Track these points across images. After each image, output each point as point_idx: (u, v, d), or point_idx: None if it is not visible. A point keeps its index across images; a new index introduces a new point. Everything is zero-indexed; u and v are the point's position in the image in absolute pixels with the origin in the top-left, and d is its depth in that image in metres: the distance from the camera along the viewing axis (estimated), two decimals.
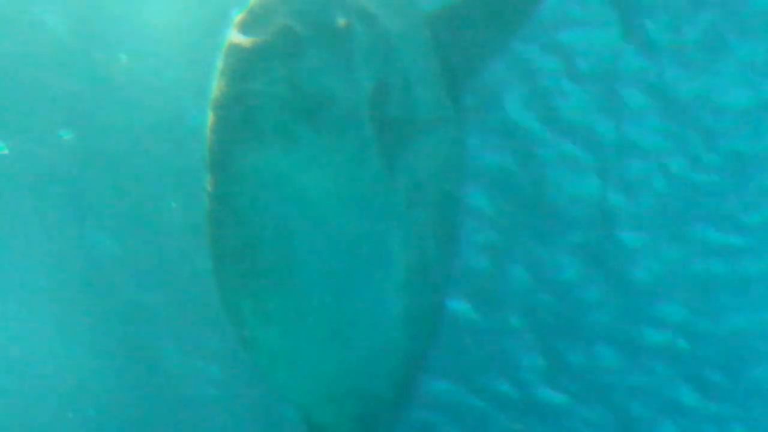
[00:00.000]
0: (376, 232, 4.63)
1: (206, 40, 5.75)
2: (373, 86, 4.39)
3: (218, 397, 13.16)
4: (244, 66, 4.15)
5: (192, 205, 7.36)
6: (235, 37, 4.20)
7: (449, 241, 5.46)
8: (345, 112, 4.29)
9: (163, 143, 8.90)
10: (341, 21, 4.19)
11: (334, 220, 4.47)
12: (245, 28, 4.21)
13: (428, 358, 6.36)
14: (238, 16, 4.37)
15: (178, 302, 11.51)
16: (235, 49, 4.16)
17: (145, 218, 10.20)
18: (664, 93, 8.24)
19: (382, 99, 4.43)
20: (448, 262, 5.57)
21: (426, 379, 11.24)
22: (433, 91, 5.00)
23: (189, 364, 12.52)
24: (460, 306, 10.90)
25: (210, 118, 4.29)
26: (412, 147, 4.66)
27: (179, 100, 8.11)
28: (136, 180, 9.70)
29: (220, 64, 4.32)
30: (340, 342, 4.98)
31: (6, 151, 10.02)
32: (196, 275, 10.29)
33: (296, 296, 4.64)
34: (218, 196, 4.39)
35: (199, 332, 11.76)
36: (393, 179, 4.52)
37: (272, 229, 4.41)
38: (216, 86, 4.30)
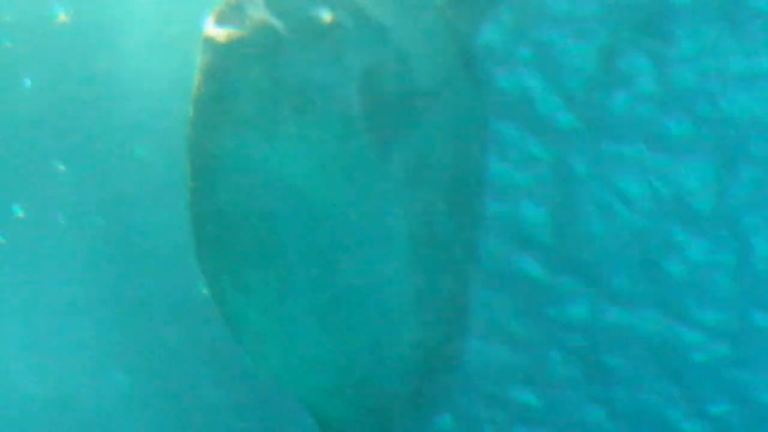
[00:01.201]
0: (368, 210, 4.53)
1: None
2: (364, 70, 4.33)
3: None
4: (221, 62, 4.10)
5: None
6: (211, 30, 4.14)
7: (467, 214, 5.30)
8: (331, 99, 4.24)
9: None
10: (324, 15, 4.16)
11: (322, 202, 4.41)
12: (223, 19, 4.15)
13: (459, 352, 6.12)
14: (216, 8, 4.33)
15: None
16: (212, 44, 4.10)
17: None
18: None
19: (373, 82, 4.36)
20: (467, 237, 5.41)
21: None
22: (439, 64, 4.91)
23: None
24: None
25: (190, 112, 4.27)
26: (411, 122, 4.58)
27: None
28: None
29: (198, 58, 4.27)
30: (337, 327, 4.88)
31: None
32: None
33: (285, 280, 4.59)
34: (201, 191, 4.37)
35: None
36: (386, 157, 4.44)
37: (259, 218, 4.38)
38: (195, 81, 4.27)
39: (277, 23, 4.09)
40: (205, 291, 4.89)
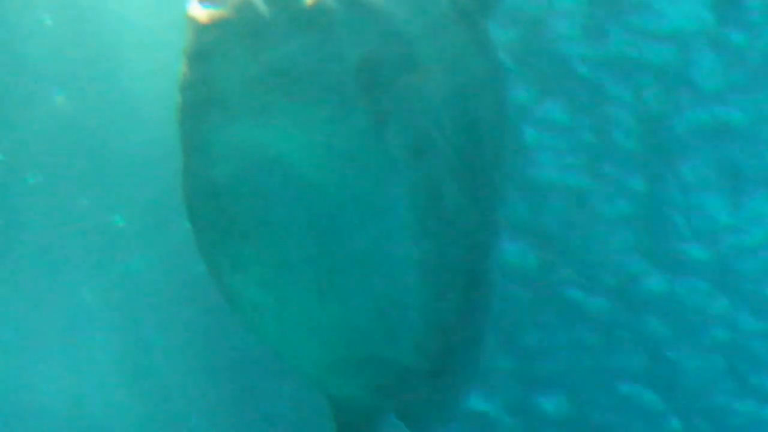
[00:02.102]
0: (366, 186, 4.49)
1: None
2: (361, 56, 4.30)
3: None
4: (204, 44, 4.05)
5: None
6: (194, 9, 4.10)
7: (482, 188, 5.23)
8: (323, 83, 4.20)
9: None
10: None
11: (317, 179, 4.38)
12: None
13: (481, 330, 6.04)
14: None
15: None
16: (194, 25, 4.06)
17: None
18: None
19: (372, 67, 4.33)
20: (482, 209, 5.33)
21: None
22: (445, 40, 4.84)
23: None
24: None
25: (178, 98, 4.24)
26: (413, 101, 4.53)
27: None
28: None
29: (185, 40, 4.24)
30: (337, 299, 4.84)
31: None
32: None
33: (281, 256, 4.59)
34: (193, 173, 4.38)
35: None
36: (383, 135, 4.40)
37: (253, 197, 4.39)
38: (182, 66, 4.24)
39: (259, 3, 4.07)
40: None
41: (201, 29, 4.01)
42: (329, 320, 4.94)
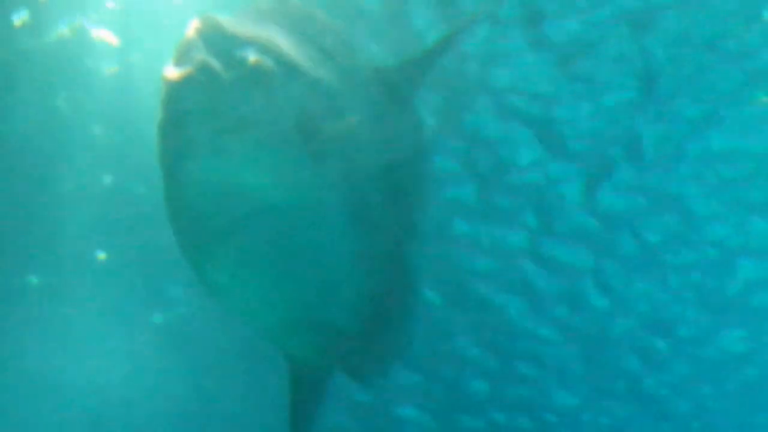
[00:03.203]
0: (308, 202, 5.71)
1: None
2: (297, 110, 5.45)
3: None
4: (173, 95, 5.20)
5: None
6: (167, 70, 5.35)
7: (402, 198, 6.51)
8: (266, 129, 5.35)
9: None
10: (252, 57, 5.37)
11: (271, 203, 5.57)
12: (176, 62, 5.38)
13: (408, 304, 7.18)
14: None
15: None
16: (166, 81, 5.18)
17: None
18: None
19: (307, 120, 5.49)
20: (402, 215, 6.59)
21: None
22: (367, 100, 6.13)
23: None
24: None
25: (157, 137, 5.51)
26: (344, 143, 5.75)
27: None
28: None
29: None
30: (290, 282, 6.02)
31: None
32: None
33: (244, 254, 5.78)
34: (172, 197, 5.59)
35: None
36: (321, 165, 5.62)
37: (220, 213, 5.54)
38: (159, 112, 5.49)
39: (214, 62, 5.18)
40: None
41: (172, 85, 5.15)
42: (283, 298, 6.26)
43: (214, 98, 5.24)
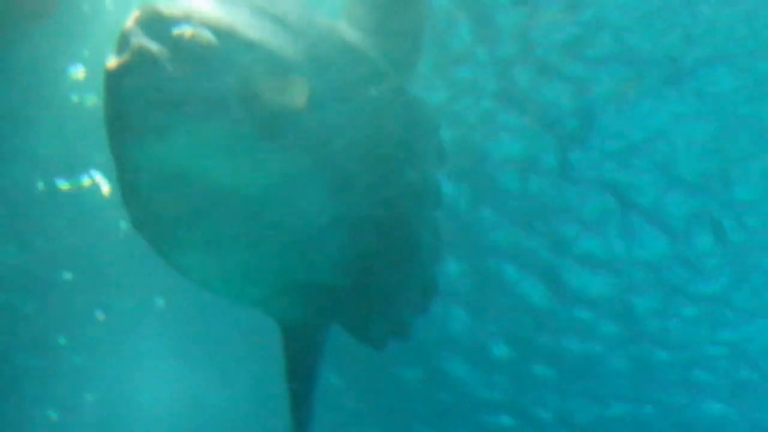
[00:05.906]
0: (267, 174, 5.68)
1: None
2: (241, 83, 5.35)
3: None
4: (113, 83, 5.27)
5: None
6: (109, 61, 5.45)
7: (385, 164, 6.36)
8: (213, 106, 5.30)
9: None
10: (188, 32, 5.36)
11: (229, 177, 5.55)
12: (116, 53, 5.28)
13: (414, 254, 6.94)
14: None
15: None
16: (107, 72, 5.24)
17: None
18: None
19: (255, 93, 5.40)
20: (381, 177, 6.40)
21: None
22: (339, 74, 5.91)
23: None
24: None
25: (105, 125, 5.62)
26: (305, 114, 5.62)
27: None
28: None
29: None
30: (268, 250, 6.01)
31: None
32: None
33: (212, 235, 5.80)
34: (126, 188, 5.63)
35: None
36: (276, 140, 5.56)
37: (178, 198, 5.56)
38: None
39: (151, 44, 5.19)
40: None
41: (112, 72, 5.21)
42: (258, 267, 6.23)
43: (156, 79, 5.27)
